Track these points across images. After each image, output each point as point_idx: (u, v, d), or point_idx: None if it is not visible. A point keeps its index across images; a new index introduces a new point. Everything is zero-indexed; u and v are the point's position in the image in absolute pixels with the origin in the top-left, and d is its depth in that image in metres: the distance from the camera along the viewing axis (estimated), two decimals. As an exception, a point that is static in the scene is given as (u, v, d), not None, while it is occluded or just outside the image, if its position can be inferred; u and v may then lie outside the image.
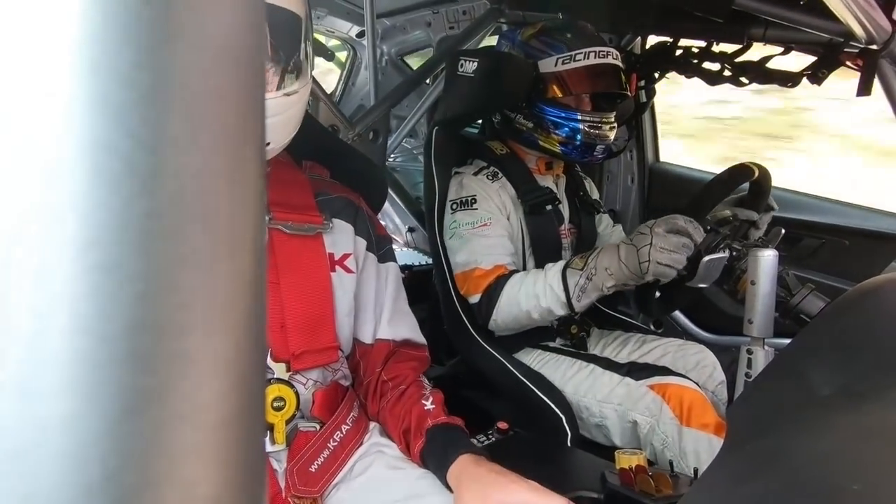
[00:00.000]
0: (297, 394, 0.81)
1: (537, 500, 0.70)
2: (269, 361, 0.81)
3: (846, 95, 1.16)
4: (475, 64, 1.40)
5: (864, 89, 1.08)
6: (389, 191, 1.50)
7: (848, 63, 1.17)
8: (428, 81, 1.88)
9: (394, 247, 1.03)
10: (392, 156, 2.28)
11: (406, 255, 2.14)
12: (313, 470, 0.81)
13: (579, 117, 1.33)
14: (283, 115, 0.77)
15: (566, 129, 1.34)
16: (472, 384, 1.47)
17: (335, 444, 0.84)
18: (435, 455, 0.81)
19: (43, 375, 0.14)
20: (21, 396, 0.14)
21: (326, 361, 0.86)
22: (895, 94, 1.08)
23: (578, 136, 1.34)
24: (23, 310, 0.14)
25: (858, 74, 1.11)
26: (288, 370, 0.82)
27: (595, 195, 1.58)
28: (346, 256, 0.90)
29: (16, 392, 0.14)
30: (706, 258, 1.04)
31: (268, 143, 0.76)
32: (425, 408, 0.85)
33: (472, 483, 0.75)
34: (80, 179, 0.14)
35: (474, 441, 1.29)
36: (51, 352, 0.14)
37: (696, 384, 1.20)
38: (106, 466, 0.14)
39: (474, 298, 1.26)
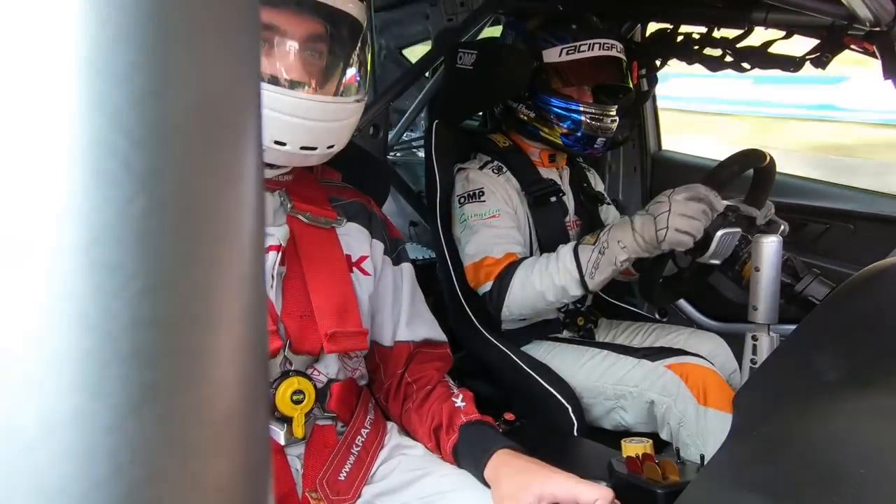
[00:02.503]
0: (315, 387, 0.81)
1: (578, 489, 0.69)
2: (288, 353, 0.80)
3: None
4: (474, 56, 1.39)
5: (889, 71, 1.05)
6: (391, 186, 1.50)
7: (853, 46, 1.15)
8: (427, 74, 1.88)
9: None
10: (392, 150, 2.28)
11: (408, 249, 2.14)
12: (342, 478, 0.80)
13: (581, 109, 1.33)
14: (350, 119, 0.79)
15: (568, 120, 1.34)
16: (477, 376, 1.47)
17: (358, 448, 0.83)
18: (470, 451, 0.80)
19: (50, 372, 0.14)
20: (29, 393, 0.14)
21: (358, 347, 0.85)
22: (900, 75, 1.07)
23: (580, 128, 1.33)
24: (29, 308, 0.14)
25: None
26: (306, 364, 0.82)
27: (599, 187, 1.58)
28: (362, 259, 0.90)
29: (24, 389, 0.14)
30: (721, 231, 1.04)
31: (332, 146, 0.78)
32: (456, 405, 0.84)
33: (512, 475, 0.73)
34: (79, 179, 0.14)
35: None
36: (57, 349, 0.14)
37: (713, 365, 1.20)
38: (114, 461, 0.14)
39: (485, 287, 1.25)
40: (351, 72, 0.81)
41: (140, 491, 0.15)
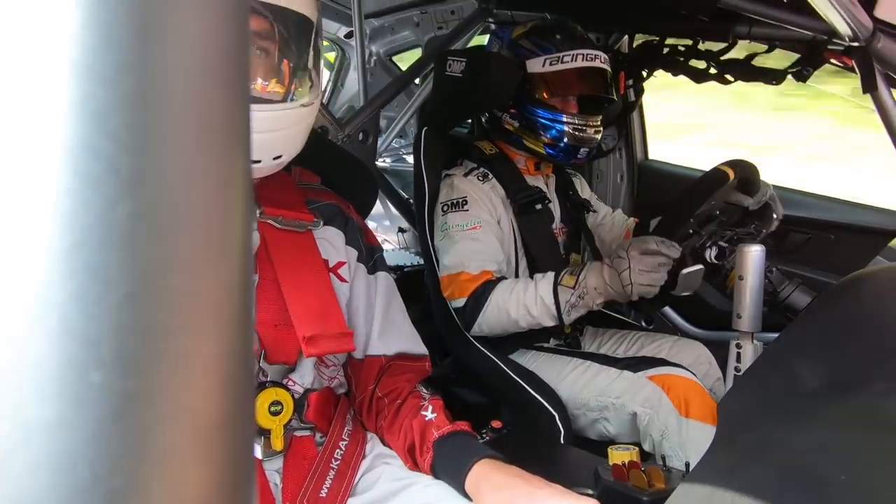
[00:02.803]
0: (293, 397, 0.79)
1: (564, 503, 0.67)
2: (264, 363, 0.79)
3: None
4: (463, 64, 1.40)
5: (867, 86, 1.08)
6: (380, 192, 1.50)
7: (832, 60, 1.18)
8: (417, 81, 1.88)
9: (385, 247, 1.02)
10: (382, 156, 2.28)
11: (397, 255, 2.14)
12: (324, 495, 0.78)
13: (565, 119, 1.34)
14: (297, 126, 0.74)
15: (552, 130, 1.35)
16: (465, 384, 1.47)
17: (338, 462, 0.81)
18: (447, 467, 0.77)
19: (29, 379, 0.14)
20: (7, 400, 0.14)
21: (342, 348, 0.83)
22: (880, 90, 1.10)
23: (563, 138, 1.35)
24: (9, 313, 0.14)
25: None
26: (282, 374, 0.80)
27: (586, 193, 1.59)
28: (339, 265, 0.88)
29: (2, 396, 0.14)
30: (683, 272, 1.09)
31: (279, 156, 0.73)
32: (426, 419, 0.81)
33: (493, 489, 0.70)
34: (62, 181, 0.14)
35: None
36: (37, 355, 0.14)
37: (695, 376, 1.21)
38: (93, 470, 0.14)
39: (458, 302, 1.27)
40: (301, 73, 0.74)
41: (120, 501, 0.14)
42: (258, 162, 0.72)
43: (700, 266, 1.11)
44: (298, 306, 0.79)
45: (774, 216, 1.19)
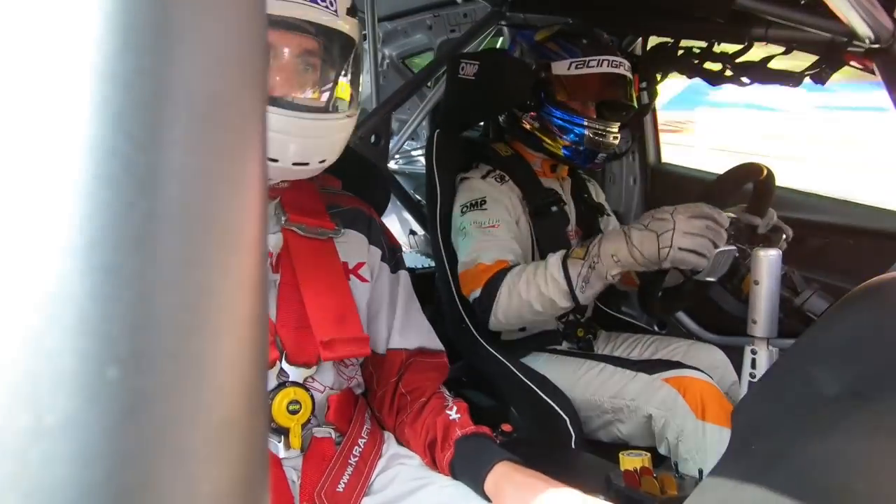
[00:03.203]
0: (312, 397, 0.80)
1: None
2: (285, 364, 0.80)
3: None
4: (476, 67, 1.41)
5: (892, 88, 1.06)
6: (391, 194, 1.50)
7: (852, 63, 1.16)
8: (429, 84, 1.89)
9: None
10: (394, 159, 2.28)
11: (408, 258, 2.14)
12: (341, 490, 0.79)
13: (585, 123, 1.35)
14: (340, 134, 0.80)
15: (571, 133, 1.35)
16: (475, 387, 1.46)
17: (356, 458, 0.82)
18: (468, 466, 0.78)
19: (45, 374, 0.14)
20: (24, 395, 0.14)
21: (358, 352, 0.85)
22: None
23: (583, 142, 1.35)
24: (27, 309, 0.14)
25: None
26: (303, 375, 0.81)
27: (601, 198, 1.59)
28: (360, 265, 0.90)
29: (19, 390, 0.14)
30: (717, 250, 1.04)
31: (323, 160, 0.79)
32: (450, 418, 0.82)
33: (514, 490, 0.72)
34: (81, 181, 0.14)
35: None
36: (54, 351, 0.14)
37: (711, 378, 1.19)
38: (107, 465, 0.14)
39: (475, 293, 1.24)
40: (343, 88, 0.82)
41: (132, 497, 0.15)
42: (306, 164, 0.77)
43: (733, 247, 1.06)
44: (317, 311, 0.82)
45: (784, 237, 1.16)
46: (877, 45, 1.02)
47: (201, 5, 0.16)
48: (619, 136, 1.41)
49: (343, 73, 0.81)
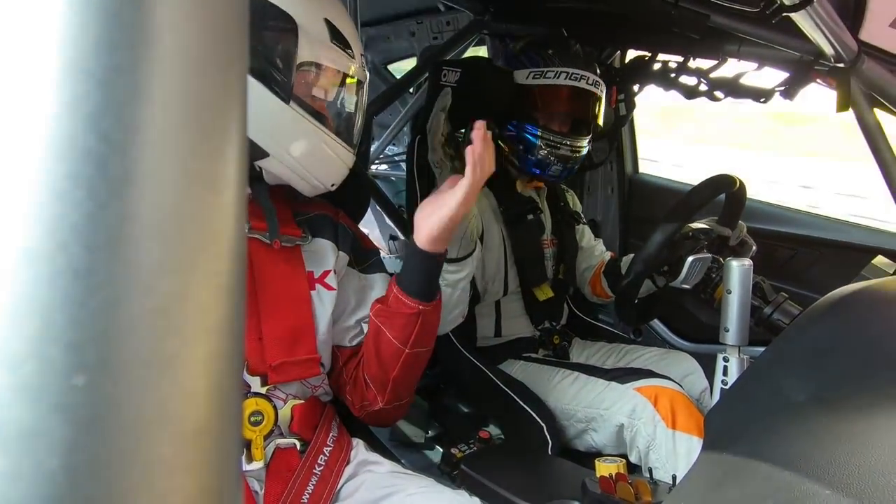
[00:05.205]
0: (275, 408, 0.79)
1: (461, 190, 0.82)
2: (246, 375, 0.78)
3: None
4: (458, 74, 1.41)
5: (841, 105, 1.11)
6: (371, 199, 1.49)
7: (818, 80, 1.21)
8: (411, 90, 1.89)
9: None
10: (374, 163, 2.28)
11: (388, 263, 2.14)
12: (305, 500, 0.78)
13: (539, 134, 1.33)
14: (349, 164, 0.87)
15: (525, 143, 1.34)
16: (454, 394, 1.46)
17: (321, 467, 0.81)
18: (402, 269, 0.86)
19: (6, 383, 0.14)
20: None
21: (307, 374, 0.83)
22: (863, 110, 1.12)
23: (534, 152, 1.33)
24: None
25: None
26: (264, 384, 0.80)
27: (577, 207, 1.60)
28: (326, 273, 0.88)
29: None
30: (691, 258, 1.07)
31: (334, 184, 0.85)
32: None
33: (422, 220, 0.84)
34: (50, 182, 0.14)
35: (455, 451, 1.29)
36: (15, 358, 0.14)
37: (682, 387, 1.21)
38: (73, 477, 0.14)
39: None
40: (360, 123, 0.91)
41: (100, 508, 0.14)
42: (333, 185, 0.85)
43: (707, 255, 1.09)
44: (271, 329, 0.81)
45: (754, 248, 1.20)
46: (840, 65, 1.06)
47: (180, 2, 0.16)
48: (579, 148, 1.37)
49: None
